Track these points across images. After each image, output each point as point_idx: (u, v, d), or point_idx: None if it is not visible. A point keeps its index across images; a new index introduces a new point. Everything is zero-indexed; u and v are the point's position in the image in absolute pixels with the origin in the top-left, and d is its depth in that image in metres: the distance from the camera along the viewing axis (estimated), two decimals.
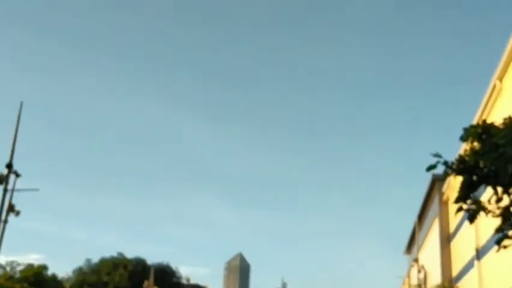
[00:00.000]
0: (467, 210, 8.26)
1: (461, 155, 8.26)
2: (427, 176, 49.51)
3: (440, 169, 8.27)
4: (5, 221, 22.56)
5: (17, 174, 23.30)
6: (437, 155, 8.13)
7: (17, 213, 22.96)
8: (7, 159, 22.99)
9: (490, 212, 8.13)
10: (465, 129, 8.26)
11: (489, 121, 8.49)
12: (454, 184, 35.05)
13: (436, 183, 49.70)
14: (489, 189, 8.20)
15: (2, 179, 22.67)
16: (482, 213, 8.24)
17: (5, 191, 22.78)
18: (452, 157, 8.27)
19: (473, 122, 8.63)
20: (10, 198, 22.77)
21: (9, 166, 22.77)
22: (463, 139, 8.26)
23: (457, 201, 8.32)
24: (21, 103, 24.42)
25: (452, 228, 46.25)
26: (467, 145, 8.49)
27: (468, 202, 8.25)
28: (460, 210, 8.35)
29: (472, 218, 8.30)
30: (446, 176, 8.30)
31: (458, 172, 8.14)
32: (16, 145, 23.22)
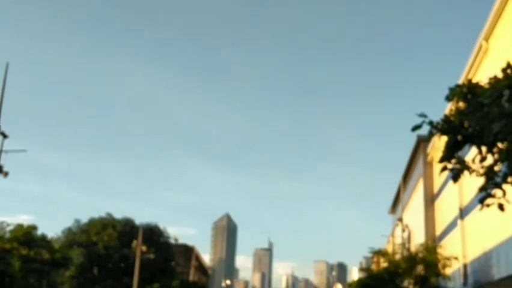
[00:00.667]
0: (452, 169, 8.27)
1: (446, 115, 8.22)
2: (412, 137, 49.76)
3: (425, 129, 8.27)
4: None
5: (4, 135, 22.92)
6: (422, 115, 8.09)
7: (6, 174, 22.73)
8: None
9: (474, 171, 8.15)
10: (450, 89, 8.19)
11: (475, 81, 8.42)
12: (438, 145, 35.37)
13: (421, 144, 50.18)
14: (473, 149, 8.19)
15: None
16: (466, 172, 8.28)
17: None
18: (438, 118, 8.24)
19: (459, 82, 8.53)
20: None
21: None
22: (449, 99, 8.21)
23: (441, 160, 8.31)
24: (7, 64, 23.82)
25: (436, 188, 46.93)
26: (453, 105, 8.43)
27: (452, 162, 8.24)
28: (445, 169, 8.35)
29: (456, 177, 8.33)
30: (431, 135, 8.27)
31: (443, 132, 8.11)
32: (3, 106, 22.75)
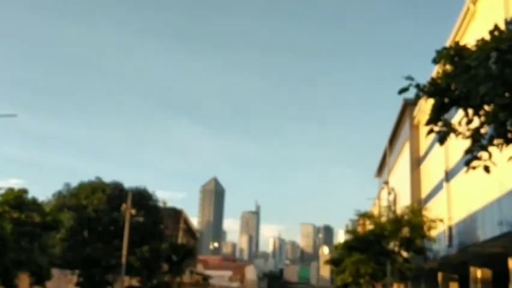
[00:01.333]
0: (438, 132, 8.31)
1: (433, 78, 8.21)
2: (399, 100, 49.92)
3: (412, 92, 8.25)
4: None
5: None
6: (409, 78, 8.07)
7: None
8: None
9: (460, 133, 8.19)
10: (438, 52, 8.13)
11: (463, 44, 8.36)
12: (425, 108, 35.53)
13: (407, 108, 50.38)
14: (460, 112, 8.22)
15: None
16: (452, 135, 8.31)
17: None
18: (425, 81, 8.23)
19: (447, 45, 8.48)
20: None
21: None
22: (436, 61, 8.16)
23: (427, 123, 8.34)
24: None
25: (422, 151, 47.40)
26: (440, 68, 8.41)
27: (439, 124, 8.28)
28: (431, 132, 8.39)
29: (443, 140, 8.37)
30: (417, 98, 8.22)
31: (430, 95, 8.11)
32: None
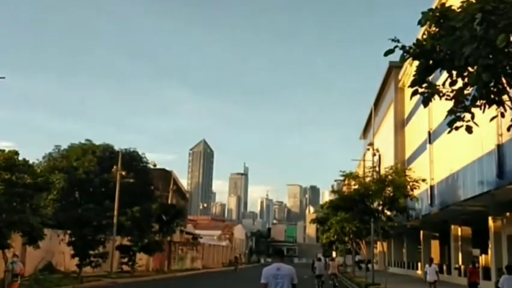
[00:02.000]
0: (422, 93, 8.42)
1: (418, 39, 8.28)
2: (384, 63, 50.06)
3: (397, 55, 8.30)
4: None
5: None
6: (394, 40, 8.10)
7: None
8: None
9: (444, 95, 8.33)
10: (423, 14, 8.12)
11: (448, 5, 8.37)
12: (410, 71, 35.82)
13: (393, 71, 50.65)
14: (444, 75, 8.35)
15: None
16: (436, 98, 8.44)
17: None
18: (411, 43, 8.27)
19: (432, 7, 8.51)
20: None
21: None
22: (421, 23, 8.15)
23: (412, 85, 8.45)
24: None
25: (406, 114, 47.96)
26: (425, 29, 8.46)
27: (423, 86, 8.39)
28: (415, 93, 8.49)
29: (427, 102, 8.51)
30: (403, 60, 8.26)
31: (415, 56, 8.18)
32: None
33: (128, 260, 36.11)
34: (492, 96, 7.95)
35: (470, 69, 7.73)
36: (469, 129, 8.20)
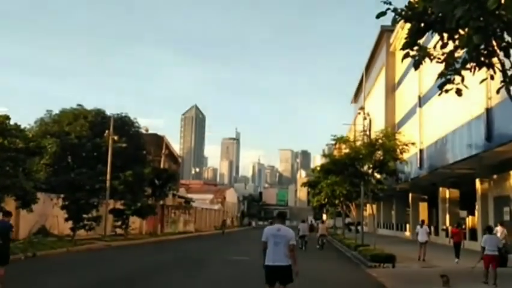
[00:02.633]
0: (413, 56, 8.44)
1: (410, 1, 8.27)
2: (376, 27, 49.64)
3: (389, 18, 8.26)
4: None
5: None
6: (386, 2, 8.04)
7: None
8: None
9: (434, 58, 8.38)
10: None
11: None
12: (401, 35, 35.69)
13: (384, 34, 50.36)
14: (435, 38, 8.39)
15: None
16: (427, 61, 8.47)
17: None
18: (403, 6, 8.27)
19: None
20: None
21: None
22: None
23: (403, 47, 8.47)
24: None
25: (397, 78, 47.97)
26: None
27: (415, 49, 8.42)
28: (407, 56, 8.50)
29: (418, 65, 8.52)
30: (394, 22, 8.25)
31: (407, 19, 8.17)
32: None
33: (121, 224, 36.50)
34: (482, 58, 8.01)
35: (461, 31, 7.73)
36: (458, 92, 8.26)
